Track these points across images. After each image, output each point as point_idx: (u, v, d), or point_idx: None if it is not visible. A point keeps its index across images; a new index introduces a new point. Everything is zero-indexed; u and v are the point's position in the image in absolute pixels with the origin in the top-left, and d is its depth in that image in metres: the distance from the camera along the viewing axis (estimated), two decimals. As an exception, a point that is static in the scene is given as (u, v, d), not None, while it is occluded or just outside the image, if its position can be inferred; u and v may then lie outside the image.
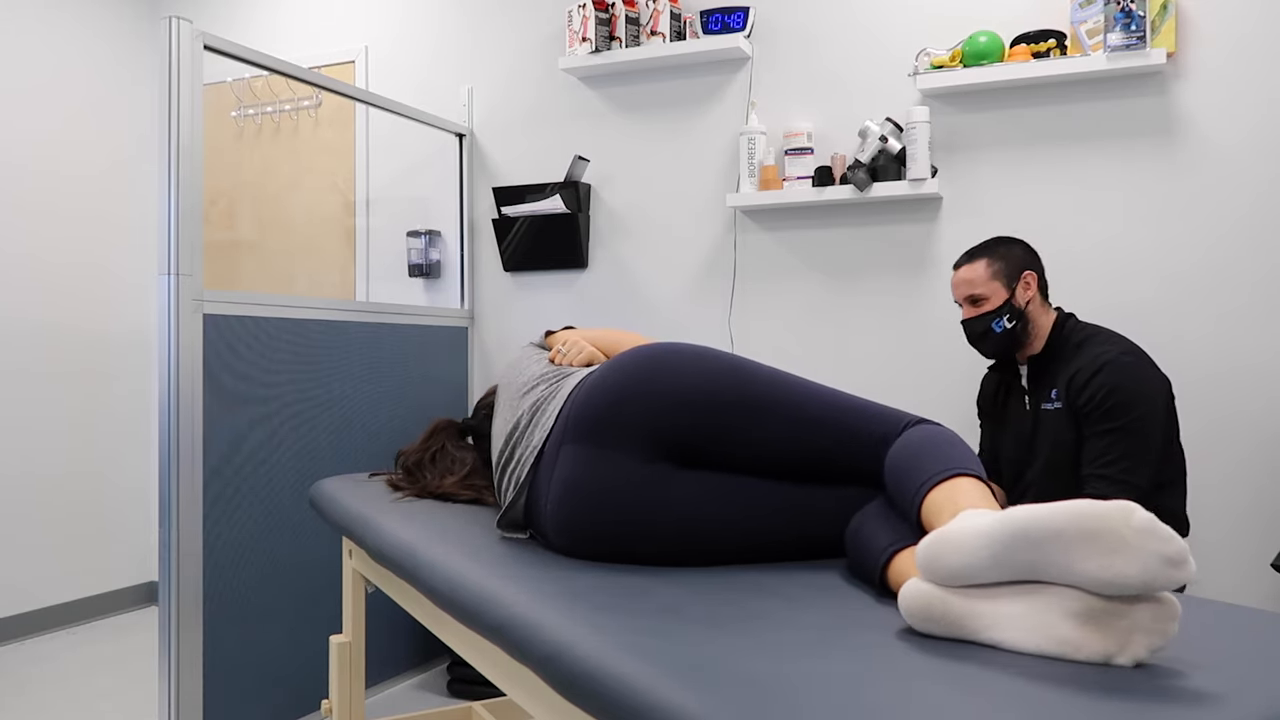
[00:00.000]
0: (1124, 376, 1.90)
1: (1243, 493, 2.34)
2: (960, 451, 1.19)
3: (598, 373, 1.43)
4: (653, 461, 1.34)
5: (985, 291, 2.04)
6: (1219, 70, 2.38)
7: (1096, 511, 0.86)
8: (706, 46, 2.84)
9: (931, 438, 1.25)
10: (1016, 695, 0.80)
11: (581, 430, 1.37)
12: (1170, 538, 0.83)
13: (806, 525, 1.37)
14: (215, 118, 3.76)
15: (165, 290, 2.17)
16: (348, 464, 2.67)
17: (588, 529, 1.33)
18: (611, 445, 1.34)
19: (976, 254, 2.09)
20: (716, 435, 1.35)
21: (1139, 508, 0.85)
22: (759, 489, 1.37)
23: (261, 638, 2.40)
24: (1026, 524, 0.89)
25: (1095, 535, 0.85)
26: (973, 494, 1.08)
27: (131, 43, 3.93)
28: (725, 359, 1.40)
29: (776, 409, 1.35)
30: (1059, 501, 0.90)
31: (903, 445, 1.27)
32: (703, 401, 1.34)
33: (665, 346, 1.41)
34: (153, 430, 3.95)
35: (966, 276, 2.07)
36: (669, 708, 0.80)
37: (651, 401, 1.34)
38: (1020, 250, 2.09)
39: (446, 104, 3.35)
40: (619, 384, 1.37)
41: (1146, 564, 0.83)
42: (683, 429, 1.34)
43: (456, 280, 3.32)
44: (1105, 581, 0.85)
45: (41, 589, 3.53)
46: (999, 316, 2.03)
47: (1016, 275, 2.05)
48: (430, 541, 1.45)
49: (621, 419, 1.34)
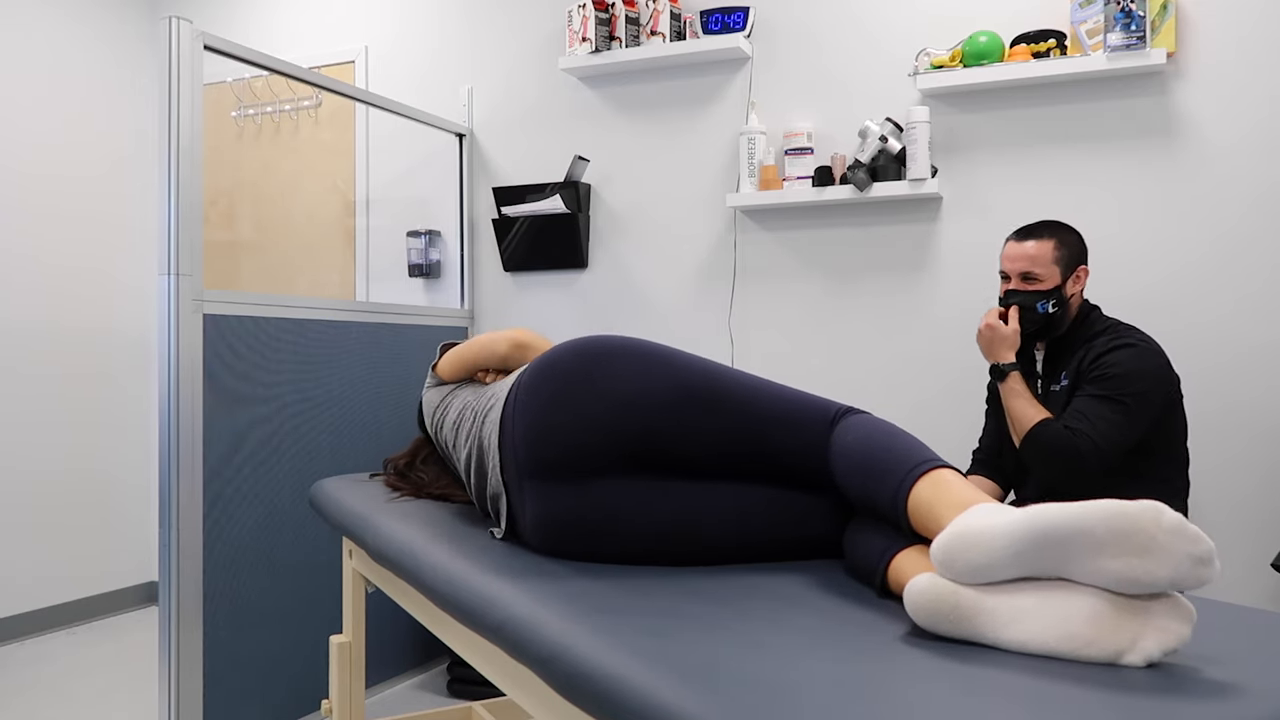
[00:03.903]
0: (1130, 358, 1.93)
1: (1243, 490, 2.34)
2: (915, 442, 1.19)
3: (522, 393, 1.35)
4: (619, 476, 1.30)
5: (1044, 273, 2.03)
6: (1219, 70, 2.38)
7: (1126, 511, 0.87)
8: (706, 46, 2.84)
9: (880, 430, 1.24)
10: (1020, 695, 0.80)
11: (535, 468, 1.32)
12: (1199, 537, 0.85)
13: (792, 526, 1.34)
14: (215, 118, 3.76)
15: (165, 290, 2.17)
16: (348, 464, 2.66)
17: (575, 554, 1.32)
18: (570, 475, 1.30)
19: (1044, 232, 2.05)
20: (663, 436, 1.30)
21: (1167, 508, 0.86)
22: (731, 492, 1.33)
23: (261, 638, 2.40)
24: (1054, 523, 0.89)
25: (1125, 535, 0.86)
26: (964, 487, 1.08)
27: (131, 43, 3.93)
28: (657, 351, 1.33)
29: (710, 405, 1.30)
30: (1084, 501, 0.90)
31: (853, 442, 1.24)
32: (639, 402, 1.28)
33: (560, 358, 1.33)
34: (153, 430, 3.95)
35: (1030, 253, 2.04)
36: (669, 708, 0.80)
37: (586, 417, 1.28)
38: (1081, 242, 2.08)
39: (446, 104, 3.35)
40: (548, 405, 1.30)
41: (1178, 564, 0.84)
42: (630, 437, 1.29)
43: (456, 280, 3.32)
44: (1133, 581, 0.86)
45: (41, 589, 3.53)
46: (1046, 299, 2.02)
47: (1074, 266, 2.05)
48: (430, 541, 1.45)
49: (569, 444, 1.29)
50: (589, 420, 1.28)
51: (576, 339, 1.36)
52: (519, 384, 1.37)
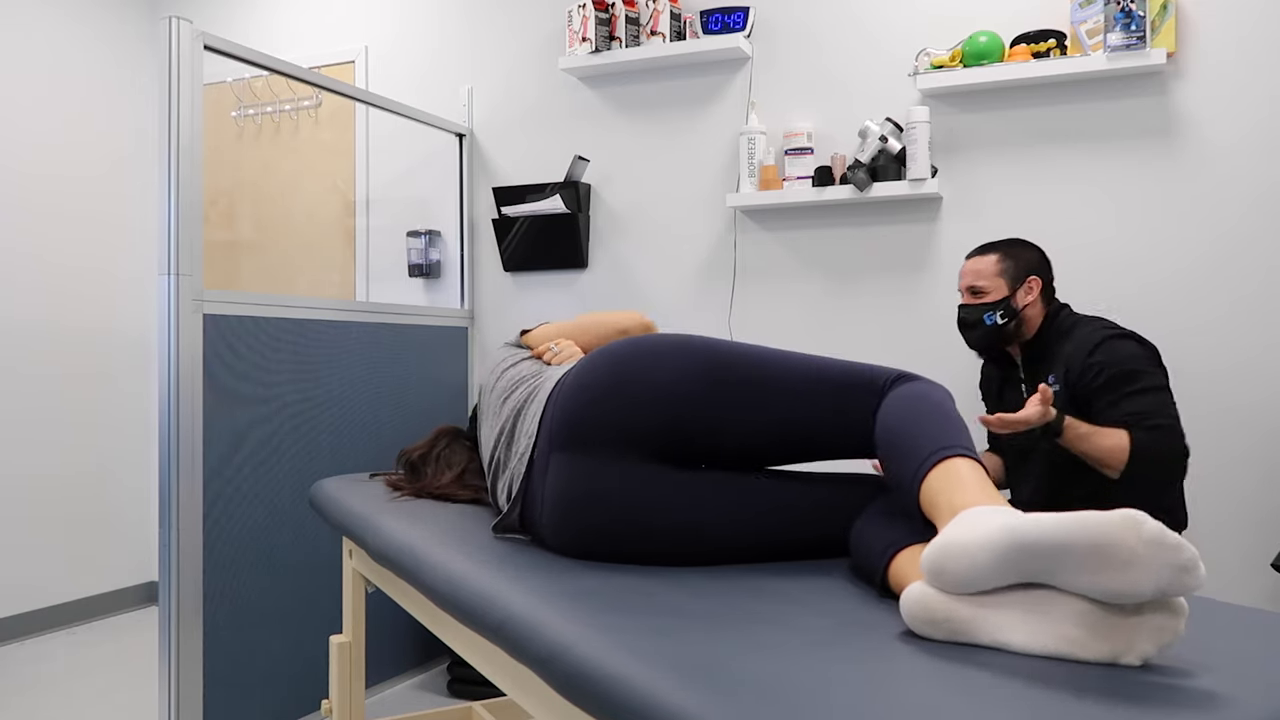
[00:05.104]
0: (1119, 348, 1.96)
1: (1243, 489, 2.34)
2: (952, 422, 1.19)
3: (573, 373, 1.41)
4: (644, 462, 1.33)
5: (988, 286, 2.10)
6: (1219, 70, 2.38)
7: (1104, 524, 0.85)
8: (706, 46, 2.84)
9: (922, 405, 1.24)
10: (1019, 695, 0.80)
11: (566, 437, 1.36)
12: (1180, 545, 0.83)
13: (804, 525, 1.36)
14: (215, 118, 3.76)
15: (165, 290, 2.17)
16: (348, 464, 2.66)
17: (587, 535, 1.33)
18: (599, 450, 1.33)
19: (990, 249, 2.14)
20: (700, 424, 1.34)
21: (1147, 517, 0.85)
22: (754, 487, 1.36)
23: (261, 638, 2.40)
24: (1033, 538, 0.88)
25: (1105, 549, 0.85)
26: (971, 482, 1.07)
27: (131, 43, 3.93)
28: (700, 347, 1.37)
29: (758, 391, 1.33)
30: (1065, 513, 0.89)
31: (892, 413, 1.26)
32: (679, 391, 1.32)
33: (637, 342, 1.39)
34: (153, 430, 3.95)
35: (974, 268, 2.14)
36: (669, 708, 0.80)
37: (628, 400, 1.33)
38: (1033, 255, 2.13)
39: (446, 104, 3.35)
40: (594, 385, 1.36)
41: (1159, 575, 0.83)
42: (665, 423, 1.33)
43: (456, 280, 3.32)
44: (1117, 593, 0.85)
45: (41, 589, 3.53)
46: (992, 310, 2.09)
47: (1022, 277, 2.09)
48: (430, 541, 1.45)
49: (603, 421, 1.33)
50: (630, 401, 1.33)
51: (627, 340, 1.42)
52: (578, 365, 1.43)
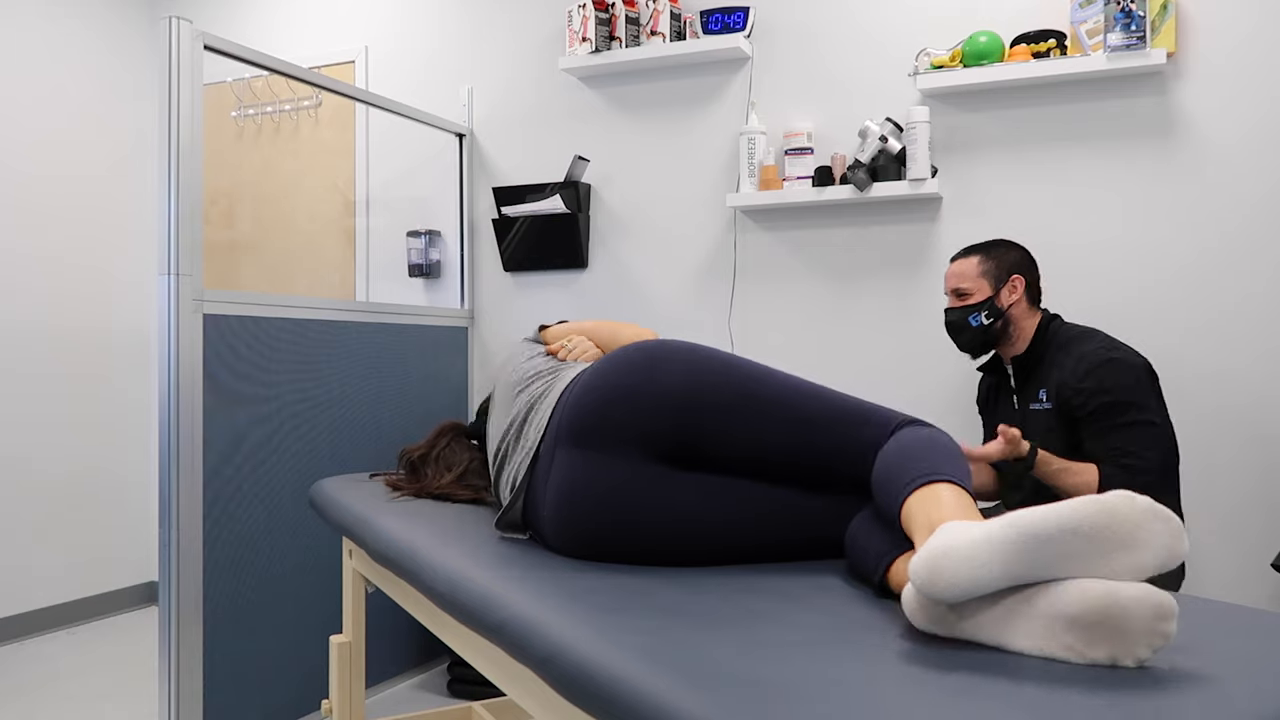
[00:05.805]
0: (1111, 375, 1.95)
1: (1243, 489, 2.34)
2: (943, 455, 1.18)
3: (588, 372, 1.42)
4: (648, 462, 1.33)
5: (971, 287, 2.13)
6: (1219, 70, 2.38)
7: (1104, 501, 0.89)
8: (706, 46, 2.84)
9: (918, 442, 1.23)
10: (1018, 695, 0.80)
11: (575, 433, 1.36)
12: (1169, 515, 0.89)
13: (804, 528, 1.37)
14: (215, 118, 3.75)
15: (165, 290, 2.17)
16: (348, 464, 2.66)
17: (586, 532, 1.33)
18: (606, 448, 1.33)
19: (972, 251, 2.17)
20: (708, 435, 1.34)
21: (1136, 495, 0.89)
22: (755, 492, 1.36)
23: (261, 637, 2.40)
24: (1039, 526, 0.89)
25: (1110, 525, 0.88)
26: (948, 504, 1.06)
27: (131, 43, 3.93)
28: (717, 357, 1.39)
29: (768, 408, 1.34)
30: (1057, 502, 0.90)
31: (890, 450, 1.25)
32: (693, 401, 1.33)
33: (655, 345, 1.40)
34: (153, 430, 3.95)
35: (956, 270, 2.17)
36: (669, 708, 0.80)
37: (641, 402, 1.33)
38: (1016, 255, 2.15)
39: (446, 104, 3.35)
40: (609, 385, 1.36)
41: (1158, 546, 0.88)
42: (674, 429, 1.33)
43: (456, 280, 3.32)
44: (1123, 569, 0.88)
45: (41, 589, 3.53)
46: (977, 311, 2.11)
47: (1005, 277, 2.11)
48: (430, 541, 1.45)
49: (613, 421, 1.34)
50: (639, 401, 1.34)
51: (653, 341, 1.44)
52: (593, 365, 1.44)
